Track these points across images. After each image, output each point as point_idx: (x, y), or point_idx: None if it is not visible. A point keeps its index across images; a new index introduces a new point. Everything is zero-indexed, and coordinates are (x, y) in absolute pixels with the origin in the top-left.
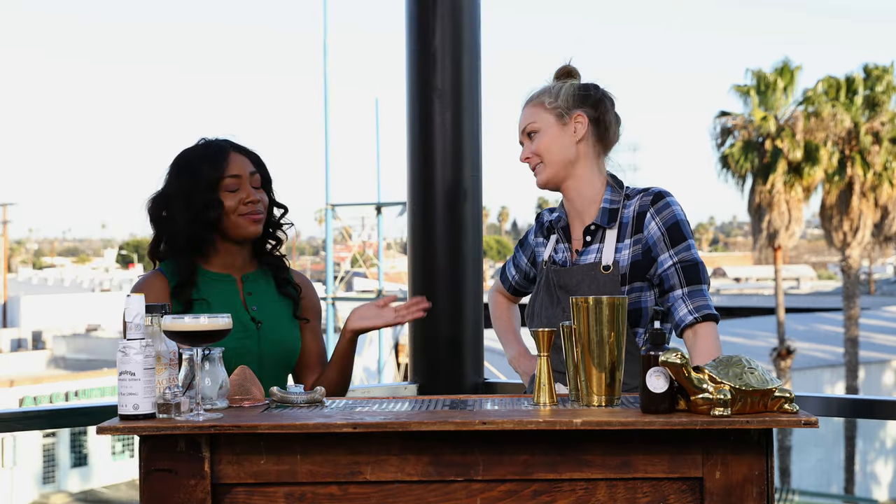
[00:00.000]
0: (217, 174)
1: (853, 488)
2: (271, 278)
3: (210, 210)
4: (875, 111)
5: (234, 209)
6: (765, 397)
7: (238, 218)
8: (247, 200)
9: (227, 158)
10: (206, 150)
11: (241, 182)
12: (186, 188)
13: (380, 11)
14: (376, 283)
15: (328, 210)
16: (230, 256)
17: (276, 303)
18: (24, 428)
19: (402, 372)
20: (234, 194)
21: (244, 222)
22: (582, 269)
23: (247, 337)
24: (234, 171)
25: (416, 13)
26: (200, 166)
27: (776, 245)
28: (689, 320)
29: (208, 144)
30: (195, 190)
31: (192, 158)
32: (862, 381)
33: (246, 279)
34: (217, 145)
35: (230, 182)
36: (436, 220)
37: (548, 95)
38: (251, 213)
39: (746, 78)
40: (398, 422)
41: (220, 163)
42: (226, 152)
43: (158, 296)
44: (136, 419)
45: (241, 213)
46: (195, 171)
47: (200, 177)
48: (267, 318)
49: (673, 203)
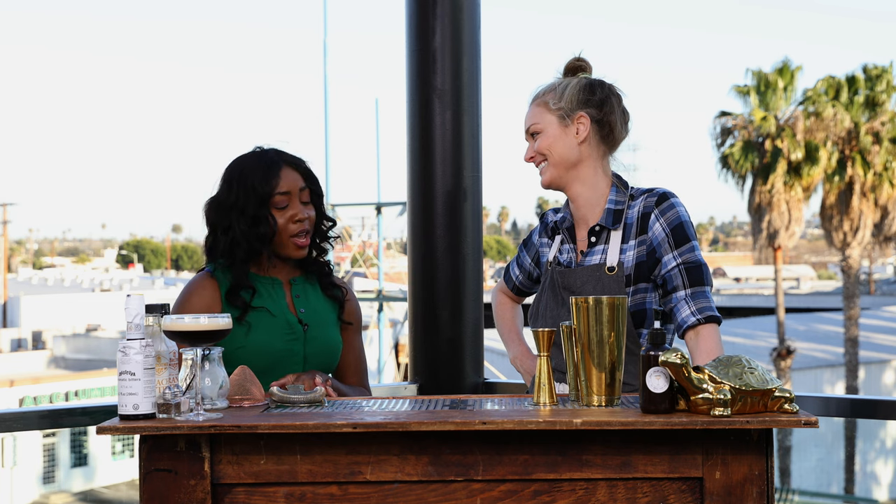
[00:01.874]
0: (268, 189)
1: (853, 488)
2: (316, 282)
3: (262, 226)
4: (875, 111)
5: (284, 228)
6: (765, 397)
7: (288, 239)
8: (296, 219)
9: (279, 174)
10: (259, 162)
11: (290, 199)
12: (239, 200)
13: (380, 11)
14: (376, 283)
15: (328, 210)
16: (276, 267)
17: (322, 306)
18: (24, 428)
19: (402, 372)
20: (283, 211)
21: (292, 245)
22: (587, 270)
23: (294, 339)
24: (284, 188)
25: (416, 13)
26: (252, 179)
27: (776, 245)
28: (691, 322)
29: (261, 155)
30: (247, 203)
31: (245, 169)
32: (862, 381)
33: (294, 282)
34: (269, 158)
35: (280, 199)
36: (436, 220)
37: (552, 95)
38: (299, 232)
39: (746, 78)
40: (398, 422)
41: (272, 178)
42: (278, 167)
43: (208, 301)
44: (136, 419)
45: (290, 234)
46: (246, 183)
47: (252, 190)
48: (313, 321)
49: (677, 204)
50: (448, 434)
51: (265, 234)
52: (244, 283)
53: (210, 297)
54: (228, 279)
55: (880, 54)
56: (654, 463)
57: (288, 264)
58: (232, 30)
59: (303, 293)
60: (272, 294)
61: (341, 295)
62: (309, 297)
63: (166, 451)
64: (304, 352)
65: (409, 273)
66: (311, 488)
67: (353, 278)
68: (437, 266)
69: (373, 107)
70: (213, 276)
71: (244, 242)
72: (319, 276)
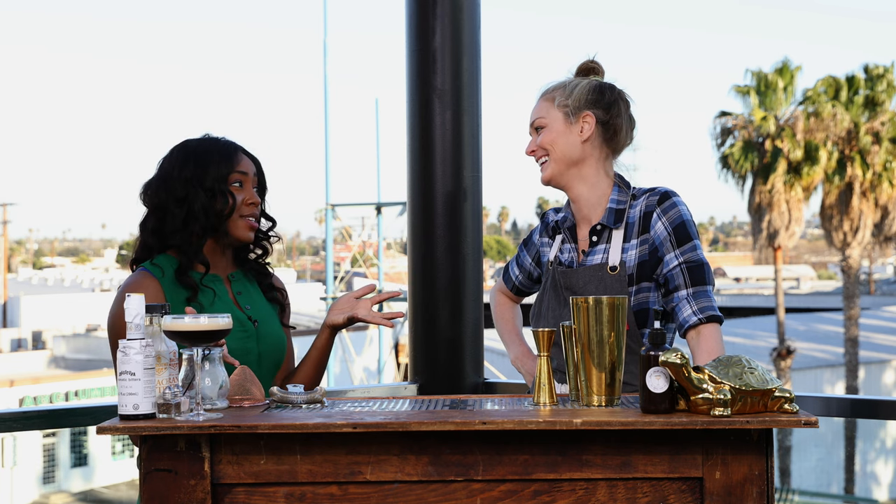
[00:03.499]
0: (228, 167)
1: (853, 488)
2: (255, 281)
3: (221, 201)
4: (875, 111)
5: (239, 207)
6: (765, 397)
7: (239, 219)
8: (249, 201)
9: (238, 156)
10: (216, 144)
11: (245, 181)
12: (197, 173)
13: (380, 11)
14: (376, 283)
15: (328, 210)
16: (216, 256)
17: (263, 301)
18: (24, 428)
19: (402, 372)
20: (239, 190)
21: (242, 225)
22: (589, 269)
23: (247, 337)
24: (242, 168)
25: (416, 13)
26: (212, 156)
27: (776, 245)
28: (692, 321)
29: (216, 139)
30: (205, 177)
31: (202, 148)
32: (862, 381)
33: (232, 278)
34: (227, 142)
35: (238, 177)
36: (436, 220)
37: (561, 92)
38: (251, 215)
39: (746, 78)
40: (398, 422)
41: (231, 158)
42: (236, 150)
43: (151, 300)
44: (136, 419)
45: (242, 214)
46: (206, 160)
47: (210, 166)
48: (260, 318)
49: (679, 203)
50: (448, 434)
51: (223, 210)
52: (198, 259)
53: (153, 297)
54: (169, 271)
55: (880, 54)
56: (654, 463)
57: (227, 255)
58: (232, 30)
59: (244, 289)
60: (216, 291)
61: (282, 298)
62: (250, 293)
63: (166, 451)
64: (258, 349)
65: (409, 273)
66: (311, 488)
67: (353, 278)
68: (437, 266)
69: (373, 107)
70: (151, 275)
71: (202, 217)
72: (260, 277)
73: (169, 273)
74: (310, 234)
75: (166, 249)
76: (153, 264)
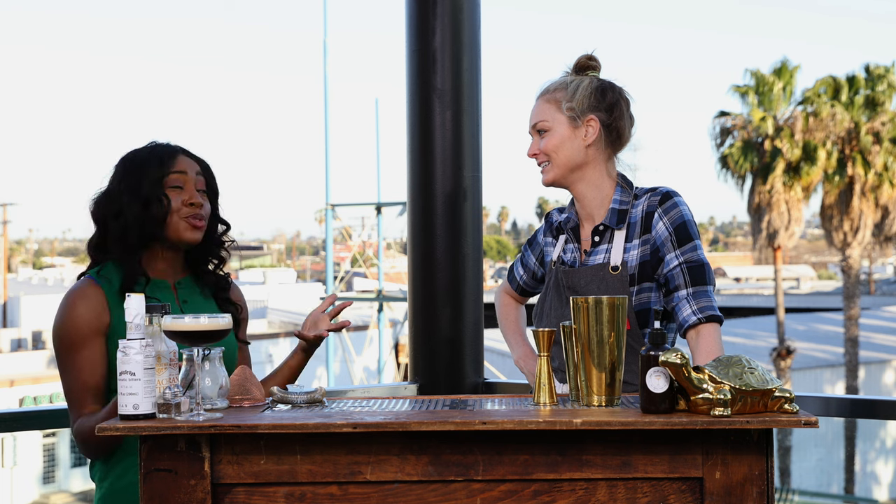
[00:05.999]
0: (163, 170)
1: (853, 488)
2: (209, 291)
3: (155, 206)
4: (875, 111)
5: (178, 209)
6: (765, 397)
7: (179, 220)
8: (189, 202)
9: (175, 158)
10: (154, 150)
11: (185, 180)
12: (132, 184)
13: (380, 11)
14: (376, 283)
15: (328, 210)
16: (165, 262)
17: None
18: (24, 428)
19: (402, 372)
20: (177, 192)
21: (184, 226)
22: (591, 269)
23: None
24: (179, 168)
25: (416, 13)
26: (147, 163)
27: (776, 245)
28: (692, 321)
29: (157, 145)
30: (139, 185)
31: (139, 157)
32: (862, 381)
33: (179, 285)
34: (166, 146)
35: (175, 177)
36: (436, 220)
37: (564, 94)
38: (192, 216)
39: (745, 78)
40: (398, 422)
41: (167, 161)
42: (174, 152)
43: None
44: (136, 419)
45: (182, 216)
46: (141, 167)
47: (146, 173)
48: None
49: (680, 203)
50: (448, 434)
51: (157, 215)
52: (138, 271)
53: (97, 304)
54: (115, 281)
55: (880, 54)
56: (654, 463)
57: (177, 260)
58: (232, 30)
59: (191, 298)
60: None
61: (237, 312)
62: (198, 302)
63: (166, 451)
64: None
65: (409, 273)
66: (311, 488)
67: (353, 278)
68: (437, 266)
69: (373, 107)
70: (96, 283)
71: (136, 227)
72: (216, 290)
73: (115, 282)
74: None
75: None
76: (99, 274)
